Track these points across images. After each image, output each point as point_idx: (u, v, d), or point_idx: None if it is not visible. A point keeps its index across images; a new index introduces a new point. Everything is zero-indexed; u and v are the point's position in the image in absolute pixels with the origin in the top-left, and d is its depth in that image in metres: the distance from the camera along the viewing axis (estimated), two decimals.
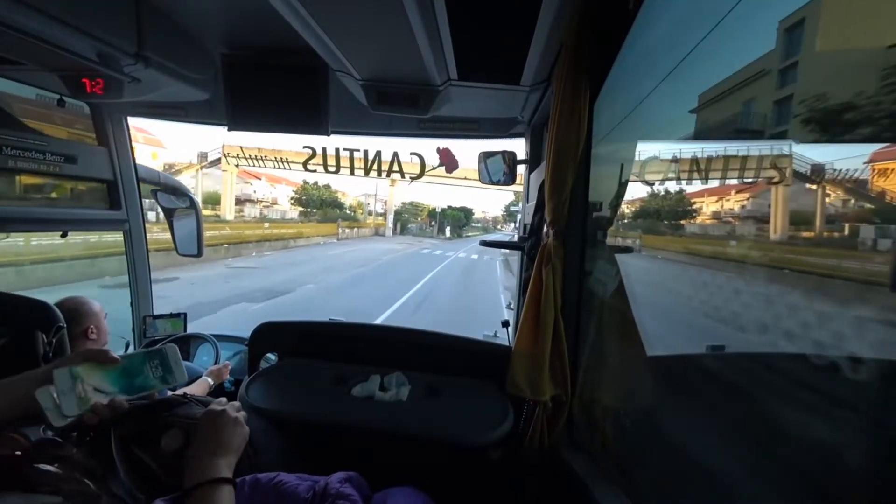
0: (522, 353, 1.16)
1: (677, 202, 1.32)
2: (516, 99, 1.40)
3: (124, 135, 1.86)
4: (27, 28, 0.98)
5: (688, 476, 0.87)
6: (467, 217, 47.97)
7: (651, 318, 1.00)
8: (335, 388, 1.27)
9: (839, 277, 0.80)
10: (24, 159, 1.45)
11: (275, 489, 0.78)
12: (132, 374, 0.73)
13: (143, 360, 0.76)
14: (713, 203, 1.10)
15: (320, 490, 0.78)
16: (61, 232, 1.72)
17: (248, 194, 32.51)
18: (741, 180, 0.95)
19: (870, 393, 0.58)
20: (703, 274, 1.29)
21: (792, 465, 0.67)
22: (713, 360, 1.09)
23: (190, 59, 1.36)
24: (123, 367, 0.73)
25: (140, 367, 0.75)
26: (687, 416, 0.94)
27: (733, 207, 0.97)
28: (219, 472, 0.63)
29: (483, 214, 63.33)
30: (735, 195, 0.93)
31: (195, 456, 0.65)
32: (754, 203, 0.89)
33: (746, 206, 0.90)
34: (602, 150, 1.11)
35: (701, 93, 0.93)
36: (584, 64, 0.96)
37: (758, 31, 0.68)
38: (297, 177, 32.45)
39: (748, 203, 0.91)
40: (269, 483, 0.79)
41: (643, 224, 1.65)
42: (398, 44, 1.03)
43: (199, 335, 2.03)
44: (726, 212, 0.98)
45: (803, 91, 0.73)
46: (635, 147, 1.13)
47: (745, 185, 0.85)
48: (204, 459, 0.64)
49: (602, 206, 1.17)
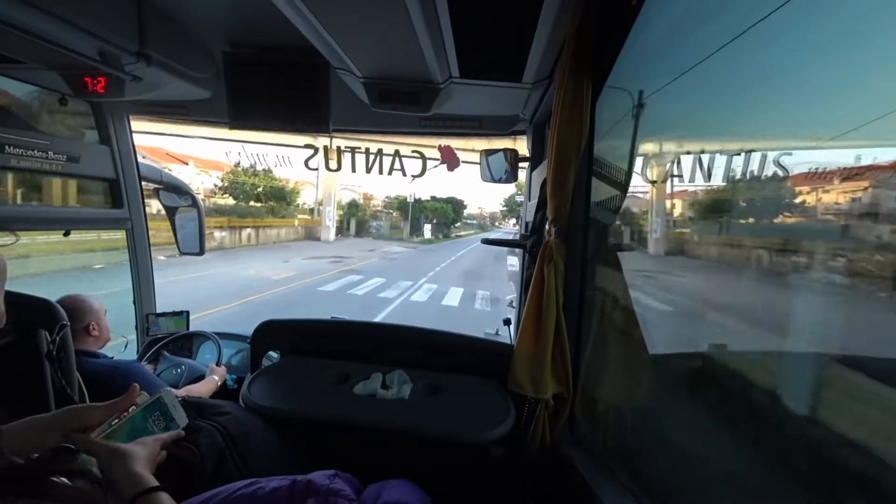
0: (524, 351, 1.16)
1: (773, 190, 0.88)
2: (518, 96, 1.39)
3: (126, 133, 1.86)
4: (29, 27, 0.98)
5: (690, 474, 0.87)
6: (456, 211, 37.59)
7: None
8: (337, 386, 1.27)
9: None
10: (27, 158, 1.45)
11: (252, 497, 0.75)
12: (137, 433, 0.71)
13: (143, 416, 0.74)
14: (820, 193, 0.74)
15: (301, 486, 0.76)
16: (63, 231, 1.72)
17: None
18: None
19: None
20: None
21: (797, 463, 0.67)
22: (715, 358, 1.09)
23: (191, 57, 1.36)
24: (127, 430, 0.71)
25: (143, 425, 0.73)
26: (689, 414, 0.94)
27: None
28: (148, 483, 0.60)
29: (479, 210, 54.59)
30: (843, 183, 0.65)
31: (114, 480, 0.61)
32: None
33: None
34: (604, 146, 1.11)
35: (706, 87, 0.92)
36: (586, 60, 0.95)
37: (767, 22, 0.67)
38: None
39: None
40: (242, 491, 0.76)
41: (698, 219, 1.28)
42: (400, 41, 1.03)
43: (201, 333, 2.03)
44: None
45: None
46: (638, 144, 1.12)
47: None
48: (135, 470, 0.61)
49: (605, 204, 1.16)
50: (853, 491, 0.57)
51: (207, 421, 0.90)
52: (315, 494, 0.75)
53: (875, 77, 0.59)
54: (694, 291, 1.33)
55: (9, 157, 1.40)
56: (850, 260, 0.68)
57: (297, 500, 0.75)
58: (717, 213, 1.12)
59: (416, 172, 2.56)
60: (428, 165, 2.45)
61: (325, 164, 2.32)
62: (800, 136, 0.76)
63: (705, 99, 0.94)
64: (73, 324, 1.29)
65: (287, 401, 1.18)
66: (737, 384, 0.87)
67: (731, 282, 1.08)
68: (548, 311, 1.10)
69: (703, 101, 0.95)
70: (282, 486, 0.77)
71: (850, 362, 0.65)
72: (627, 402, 1.08)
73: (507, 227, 46.01)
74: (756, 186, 0.87)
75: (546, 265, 1.11)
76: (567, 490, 1.04)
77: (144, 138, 4.91)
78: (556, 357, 1.13)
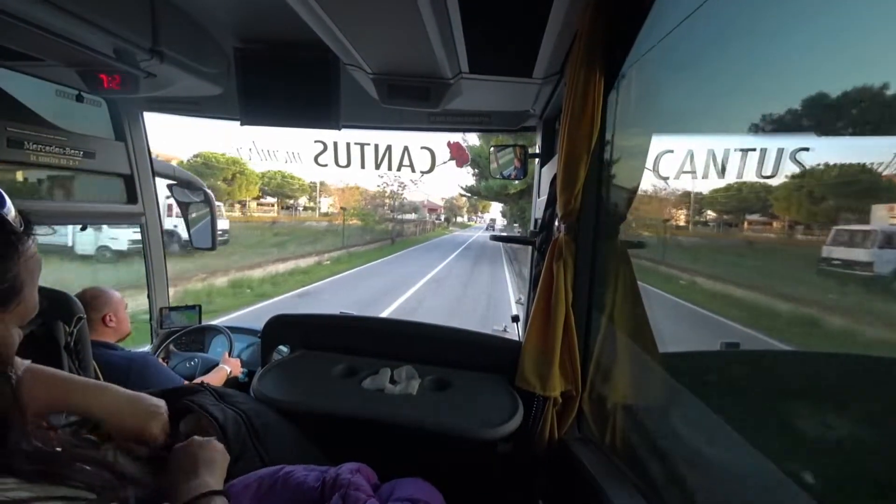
0: (533, 347, 1.16)
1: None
2: (528, 91, 1.38)
3: (140, 130, 1.89)
4: (49, 25, 0.99)
5: (698, 472, 0.86)
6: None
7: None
8: (346, 380, 1.28)
9: None
10: (45, 154, 1.49)
11: (283, 481, 0.78)
12: None
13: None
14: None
15: (330, 480, 0.79)
16: (81, 225, 1.76)
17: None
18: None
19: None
20: None
21: (810, 462, 0.66)
22: (726, 357, 1.07)
23: (203, 53, 1.38)
24: None
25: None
26: (697, 413, 0.93)
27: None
28: (208, 487, 0.62)
29: (424, 199, 31.68)
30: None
31: (178, 480, 0.64)
32: None
33: None
34: (616, 142, 1.09)
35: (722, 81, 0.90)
36: (598, 54, 0.94)
37: (790, 8, 0.65)
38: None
39: None
40: (275, 476, 0.79)
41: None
42: (409, 37, 1.02)
43: (213, 327, 2.07)
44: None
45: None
46: (651, 139, 1.10)
47: None
48: (190, 478, 0.63)
49: (616, 201, 1.15)
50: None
51: (231, 408, 0.92)
52: (339, 487, 0.77)
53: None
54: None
55: (28, 153, 1.43)
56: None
57: (328, 491, 0.78)
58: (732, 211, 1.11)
59: (426, 168, 2.55)
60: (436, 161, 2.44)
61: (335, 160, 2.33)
62: (824, 129, 0.75)
63: (721, 93, 0.92)
64: (90, 313, 1.32)
65: (297, 394, 1.19)
66: (747, 383, 0.86)
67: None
68: (556, 308, 1.10)
69: (719, 94, 0.93)
70: (313, 474, 0.80)
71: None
72: (636, 400, 1.07)
73: (479, 224, 32.15)
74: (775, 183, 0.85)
75: (555, 262, 1.11)
76: (575, 487, 1.04)
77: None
78: (565, 354, 1.12)
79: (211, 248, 2.19)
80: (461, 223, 39.28)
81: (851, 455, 0.58)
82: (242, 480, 0.77)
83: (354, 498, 0.74)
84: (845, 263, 0.95)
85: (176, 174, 2.12)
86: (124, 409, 0.72)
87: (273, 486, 0.77)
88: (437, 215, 33.65)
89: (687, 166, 1.16)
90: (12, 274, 0.45)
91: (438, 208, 33.70)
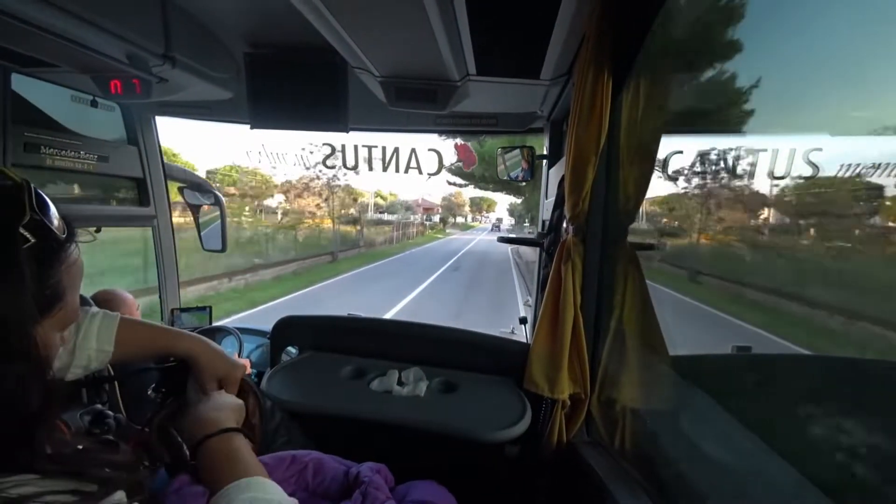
0: (541, 350, 1.15)
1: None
2: (536, 93, 1.37)
3: (153, 134, 1.92)
4: (63, 31, 1.02)
5: (706, 476, 0.85)
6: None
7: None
8: (354, 382, 1.28)
9: None
10: (61, 158, 1.52)
11: (315, 465, 0.82)
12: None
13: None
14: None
15: (353, 476, 0.81)
16: (94, 228, 1.79)
17: None
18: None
19: None
20: None
21: (820, 465, 0.64)
22: (734, 359, 1.06)
23: (214, 58, 1.40)
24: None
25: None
26: (706, 416, 0.91)
27: None
28: (225, 423, 0.61)
29: (418, 198, 28.24)
30: None
31: (196, 417, 0.64)
32: None
33: None
34: (624, 143, 1.08)
35: (731, 82, 0.89)
36: (606, 55, 0.93)
37: (803, 8, 0.64)
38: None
39: None
40: (307, 458, 0.83)
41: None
42: (417, 40, 1.03)
43: (223, 328, 2.09)
44: None
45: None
46: (660, 141, 1.09)
47: None
48: (209, 415, 0.63)
49: (624, 202, 1.14)
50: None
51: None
52: (360, 484, 0.79)
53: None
54: None
55: (44, 156, 1.47)
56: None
57: (351, 485, 0.80)
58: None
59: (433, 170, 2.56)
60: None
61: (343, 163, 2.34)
62: (841, 130, 0.74)
63: (731, 94, 0.91)
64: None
65: (305, 395, 1.20)
66: (757, 386, 0.84)
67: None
68: (565, 310, 1.09)
69: (728, 95, 0.92)
70: (341, 467, 0.84)
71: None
72: (645, 403, 1.06)
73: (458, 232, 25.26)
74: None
75: (563, 264, 1.10)
76: (582, 490, 1.03)
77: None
78: (573, 356, 1.12)
79: (221, 250, 2.22)
80: (462, 224, 33.06)
81: (868, 460, 0.57)
82: (277, 455, 0.81)
83: (374, 497, 0.76)
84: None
85: (187, 177, 2.15)
86: (211, 351, 0.74)
87: (305, 467, 0.81)
88: (430, 215, 29.42)
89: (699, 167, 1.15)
90: (55, 280, 0.45)
91: (435, 207, 30.27)
